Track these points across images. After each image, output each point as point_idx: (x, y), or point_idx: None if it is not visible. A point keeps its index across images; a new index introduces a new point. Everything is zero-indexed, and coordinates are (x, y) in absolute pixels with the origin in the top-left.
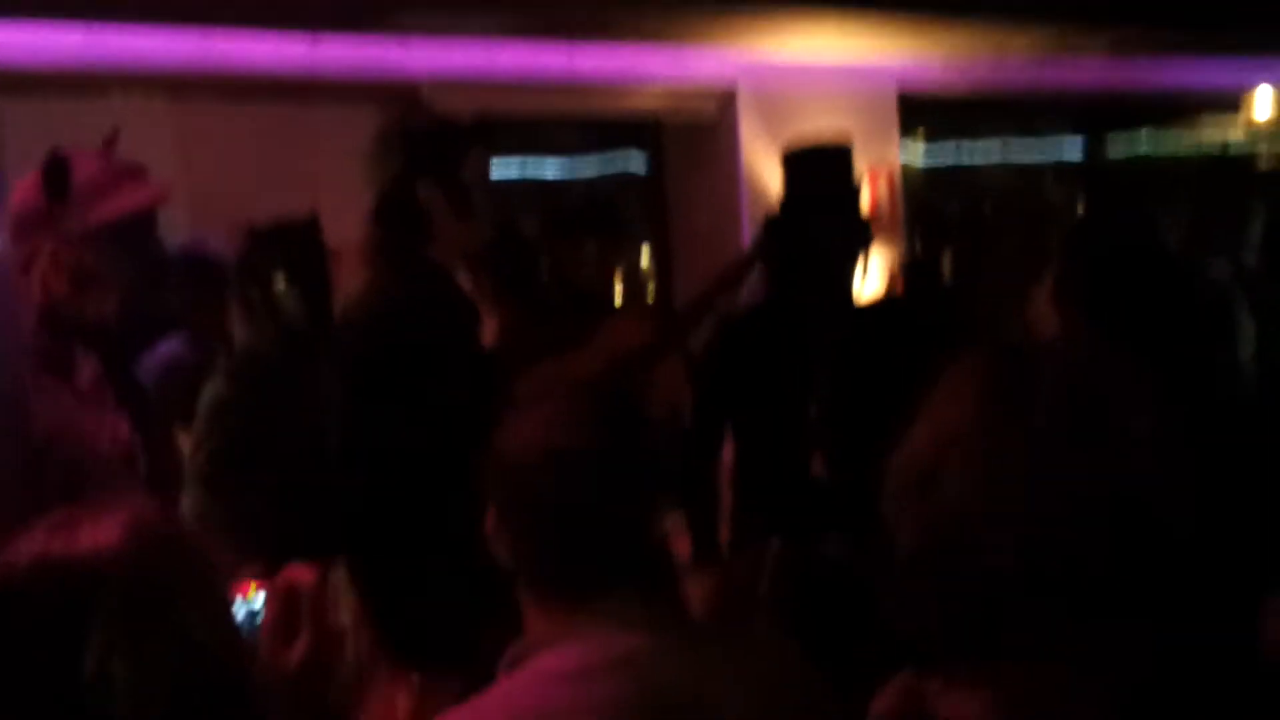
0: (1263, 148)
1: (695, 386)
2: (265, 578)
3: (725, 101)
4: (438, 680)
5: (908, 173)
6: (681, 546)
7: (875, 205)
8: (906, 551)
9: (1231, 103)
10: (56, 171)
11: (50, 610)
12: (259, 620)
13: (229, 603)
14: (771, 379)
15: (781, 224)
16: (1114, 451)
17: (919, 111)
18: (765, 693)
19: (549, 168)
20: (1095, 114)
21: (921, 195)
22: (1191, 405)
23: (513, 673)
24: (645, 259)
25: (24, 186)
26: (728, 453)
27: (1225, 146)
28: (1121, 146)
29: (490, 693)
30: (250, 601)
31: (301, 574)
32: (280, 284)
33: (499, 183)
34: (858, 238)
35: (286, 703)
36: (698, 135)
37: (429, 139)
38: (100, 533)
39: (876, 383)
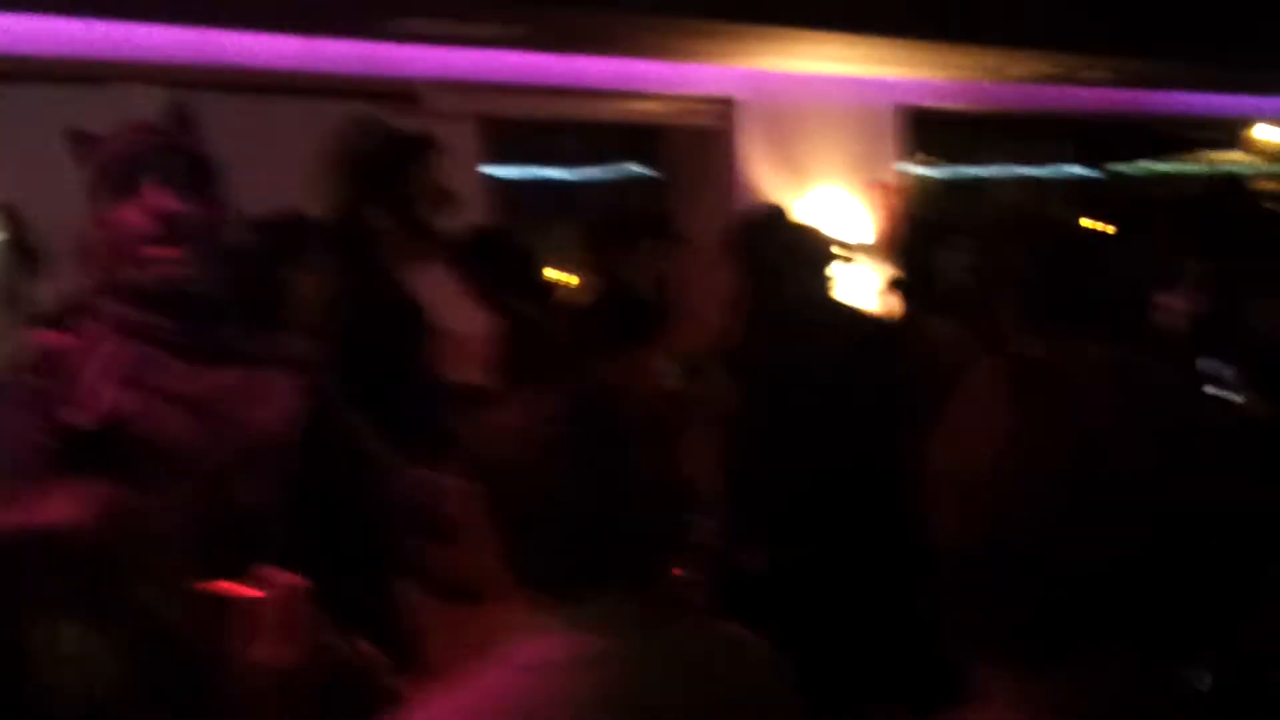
0: (1260, 178)
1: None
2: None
3: (725, 109)
4: None
5: (908, 186)
6: None
7: (880, 219)
8: (959, 561)
9: (1231, 132)
10: (75, 140)
11: (6, 581)
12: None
13: (190, 581)
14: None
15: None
16: (1160, 439)
17: (920, 127)
18: (731, 699)
19: (552, 172)
20: (1095, 139)
21: (920, 209)
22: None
23: (488, 662)
24: None
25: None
26: None
27: (1223, 175)
28: (1120, 171)
29: (465, 681)
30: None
31: (295, 579)
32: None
33: (505, 182)
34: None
35: (272, 702)
36: (697, 142)
37: (371, 162)
38: (60, 507)
39: (792, 398)
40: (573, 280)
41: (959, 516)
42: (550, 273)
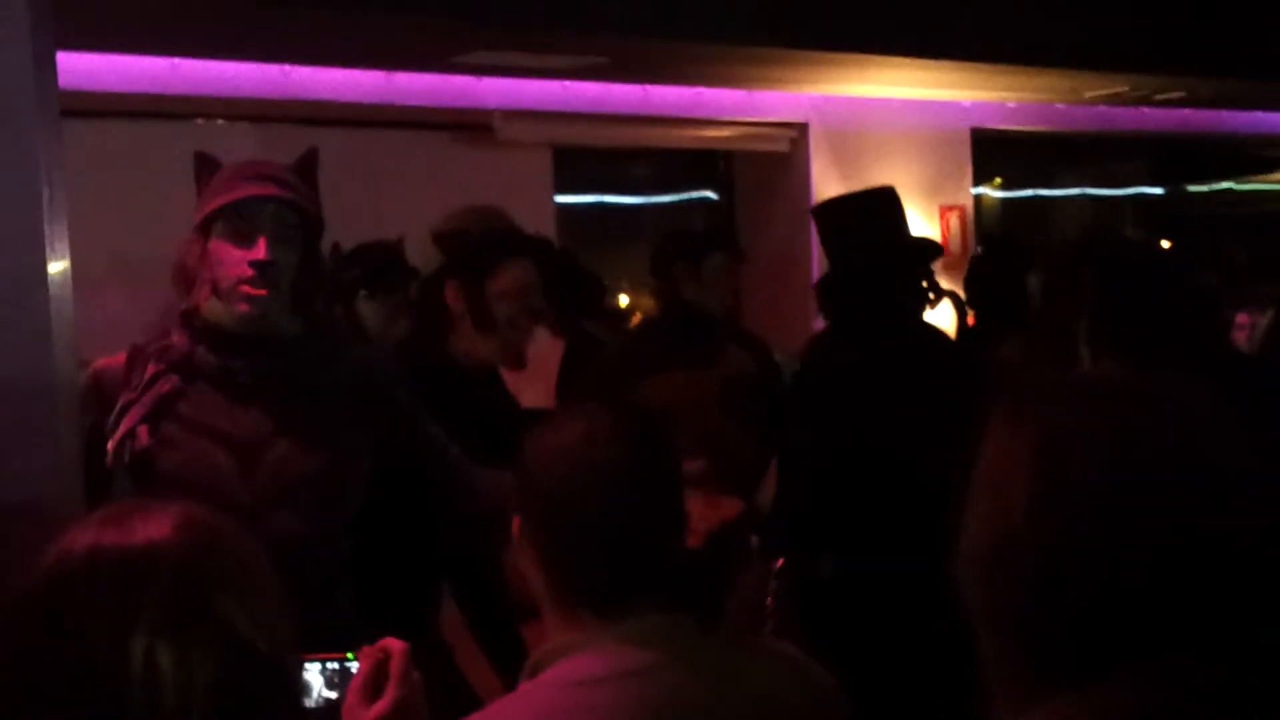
0: None
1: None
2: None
3: (797, 135)
4: None
5: (982, 206)
6: None
7: (946, 239)
8: (993, 615)
9: None
10: (200, 163)
11: (102, 599)
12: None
13: (277, 602)
14: (817, 409)
15: (833, 281)
16: (1196, 486)
17: (993, 150)
18: (777, 716)
19: (624, 199)
20: (1170, 159)
21: (995, 231)
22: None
23: (531, 680)
24: None
25: None
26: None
27: None
28: (1196, 190)
29: (509, 698)
30: (347, 663)
31: (396, 643)
32: (362, 300)
33: (578, 209)
34: (911, 273)
35: None
36: (770, 168)
37: (464, 246)
38: (152, 526)
39: (865, 414)
40: (643, 304)
41: (987, 531)
42: (621, 298)
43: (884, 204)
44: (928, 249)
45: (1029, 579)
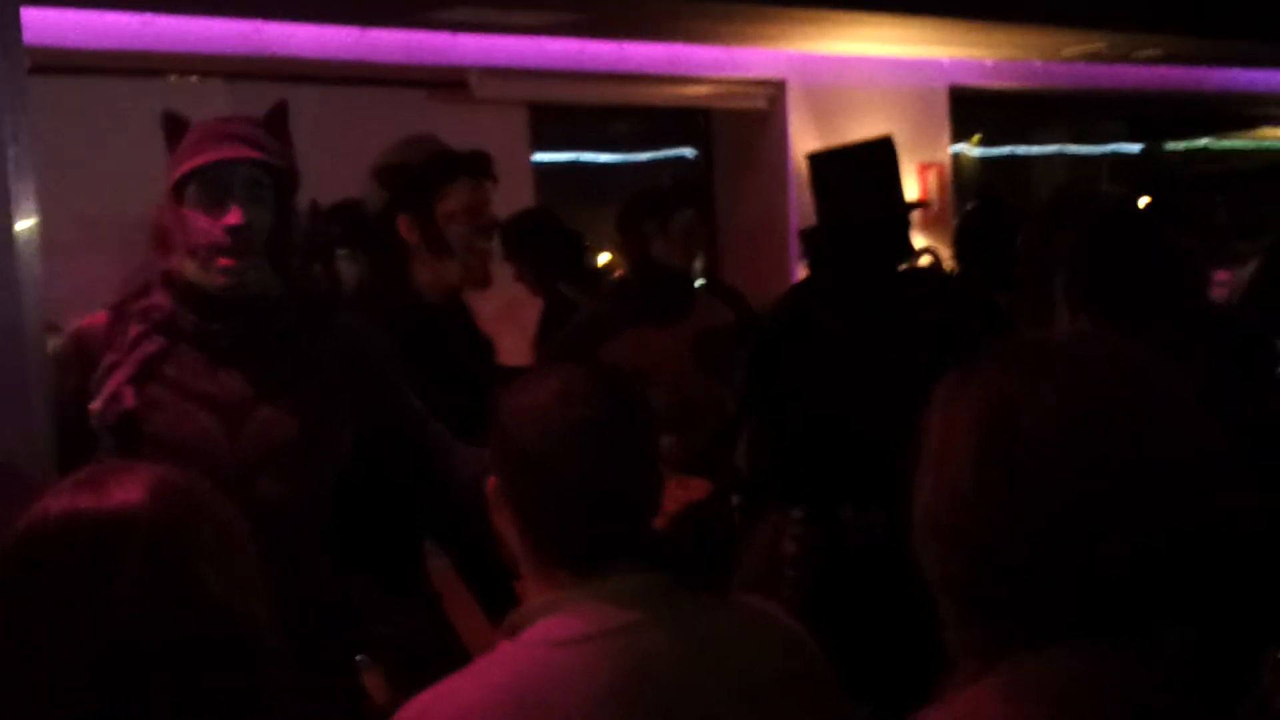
0: None
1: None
2: None
3: (775, 92)
4: None
5: (960, 164)
6: None
7: (925, 197)
8: (946, 582)
9: None
10: (169, 124)
11: (78, 563)
12: None
13: (253, 564)
14: (806, 358)
15: (818, 232)
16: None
17: (971, 107)
18: (757, 676)
19: (602, 157)
20: (1148, 116)
21: (972, 187)
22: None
23: (510, 640)
24: None
25: None
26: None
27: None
28: (1174, 148)
29: (487, 658)
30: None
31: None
32: (342, 258)
33: (554, 167)
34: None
35: None
36: (748, 125)
37: (407, 177)
38: (126, 489)
39: (885, 362)
40: (620, 263)
41: (936, 498)
42: (601, 256)
43: (883, 155)
44: (915, 204)
45: (979, 548)
